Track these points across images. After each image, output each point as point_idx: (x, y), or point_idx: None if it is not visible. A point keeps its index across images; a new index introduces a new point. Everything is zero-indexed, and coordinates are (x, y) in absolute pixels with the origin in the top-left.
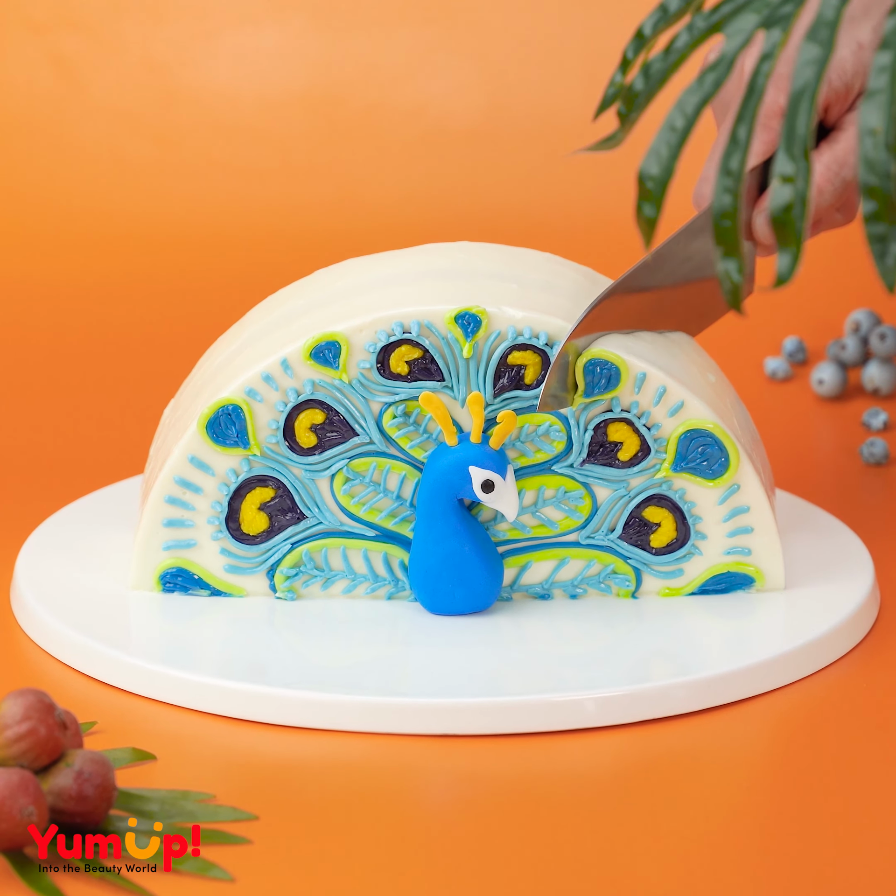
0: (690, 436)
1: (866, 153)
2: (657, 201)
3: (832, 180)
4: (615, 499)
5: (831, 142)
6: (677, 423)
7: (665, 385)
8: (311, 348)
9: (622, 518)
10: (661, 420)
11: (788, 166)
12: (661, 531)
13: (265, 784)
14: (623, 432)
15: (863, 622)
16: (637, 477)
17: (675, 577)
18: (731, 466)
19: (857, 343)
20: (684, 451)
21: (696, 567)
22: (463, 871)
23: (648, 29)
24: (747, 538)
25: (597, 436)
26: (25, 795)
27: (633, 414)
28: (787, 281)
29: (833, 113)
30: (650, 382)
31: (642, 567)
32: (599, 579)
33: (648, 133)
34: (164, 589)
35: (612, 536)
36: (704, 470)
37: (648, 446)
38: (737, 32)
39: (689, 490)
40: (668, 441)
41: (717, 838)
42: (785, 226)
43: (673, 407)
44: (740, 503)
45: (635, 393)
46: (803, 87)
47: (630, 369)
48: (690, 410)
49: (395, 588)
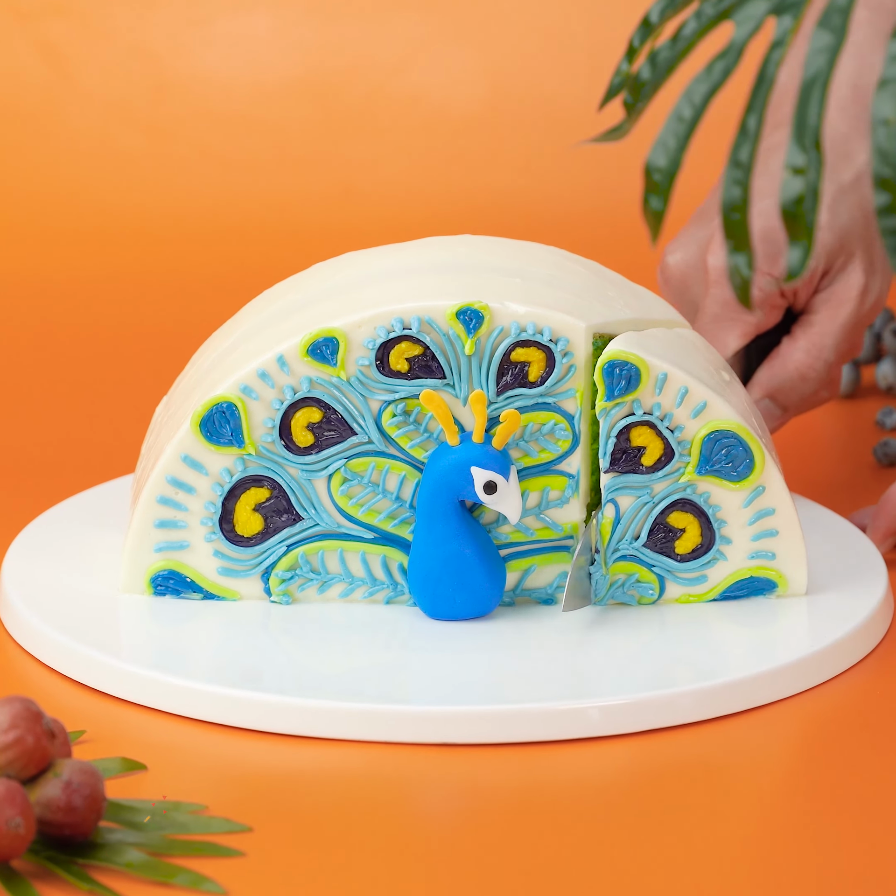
0: (714, 437)
1: (879, 144)
2: (664, 194)
3: (814, 366)
4: (639, 506)
5: (805, 326)
6: (700, 424)
7: (687, 385)
8: (309, 344)
9: (646, 525)
10: (683, 422)
11: (799, 157)
12: (685, 537)
13: (259, 794)
14: (646, 436)
15: (878, 627)
16: (661, 482)
17: (698, 583)
18: (756, 468)
19: (871, 340)
20: (708, 453)
21: (720, 573)
22: (463, 885)
23: (655, 16)
24: (772, 542)
25: (619, 442)
26: (12, 807)
27: (655, 416)
28: (798, 275)
29: (801, 297)
30: (671, 383)
31: (666, 574)
32: (624, 589)
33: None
34: (155, 592)
35: (636, 545)
36: (729, 472)
37: (672, 450)
38: (746, 19)
39: (713, 493)
40: (692, 443)
41: (728, 852)
42: (796, 219)
43: (696, 408)
44: (765, 505)
45: (657, 394)
46: (815, 75)
47: (651, 370)
48: (714, 411)
49: (393, 592)
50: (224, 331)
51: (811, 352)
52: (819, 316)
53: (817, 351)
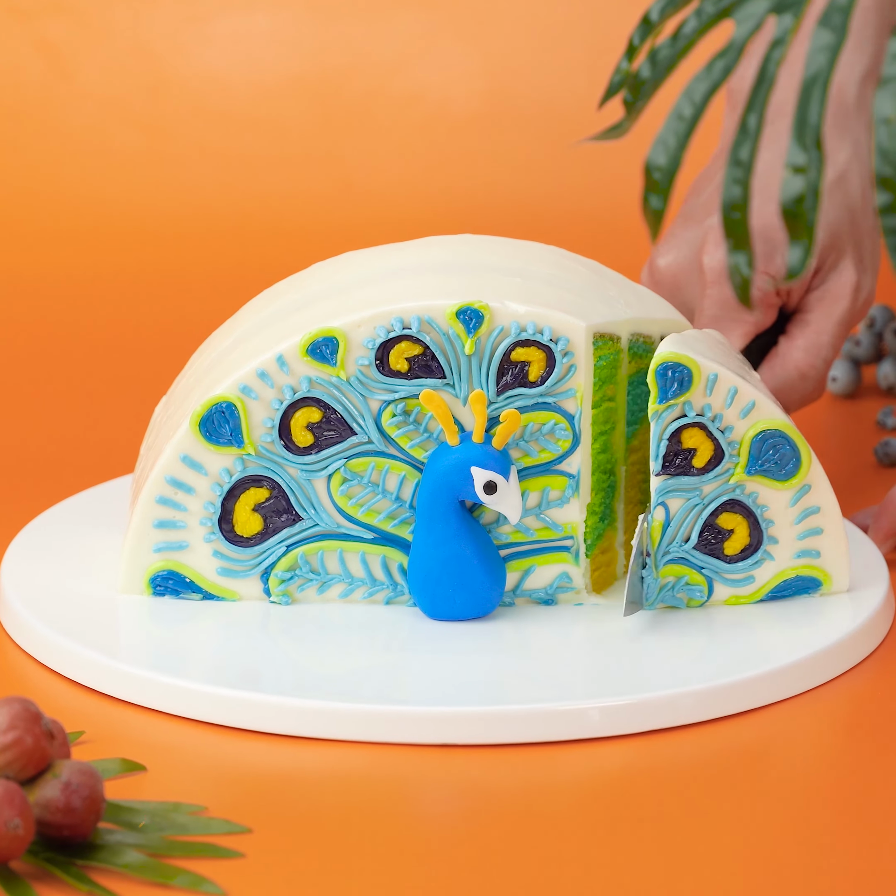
0: (763, 437)
1: (881, 143)
2: (664, 193)
3: (814, 364)
4: (689, 508)
5: (801, 325)
6: (749, 424)
7: (736, 386)
8: (308, 344)
9: (696, 527)
10: (733, 422)
11: (800, 156)
12: (734, 538)
13: (259, 795)
14: (697, 438)
15: (879, 628)
16: (710, 483)
17: (745, 584)
18: (803, 466)
19: (872, 339)
20: (757, 453)
21: (767, 573)
22: (463, 886)
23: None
24: (817, 540)
25: (671, 444)
26: (11, 808)
27: (706, 417)
28: (798, 274)
29: (794, 295)
30: (721, 384)
31: (714, 576)
32: (674, 592)
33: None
34: (154, 592)
35: (686, 547)
36: (777, 472)
37: (722, 451)
38: (747, 18)
39: (761, 493)
40: (741, 443)
41: (729, 853)
42: (796, 218)
43: (745, 408)
44: (811, 504)
45: (707, 395)
46: (815, 74)
47: (702, 371)
48: (762, 411)
49: (393, 592)
50: (223, 330)
51: (810, 350)
52: (815, 314)
53: (816, 349)
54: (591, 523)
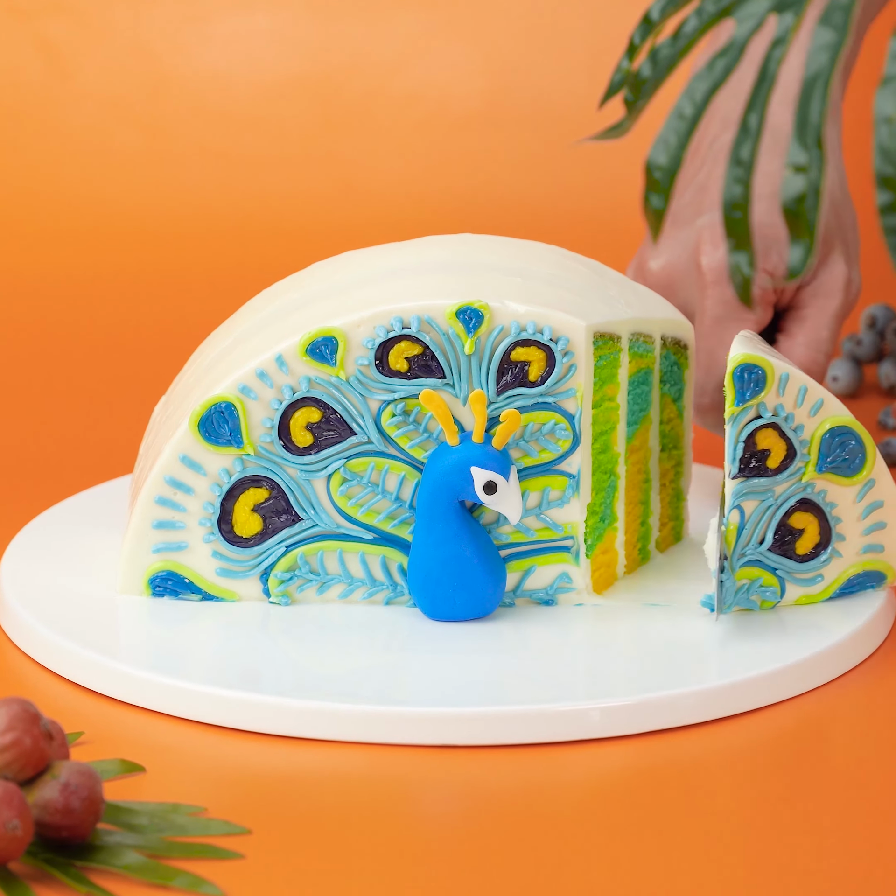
0: (832, 434)
1: (881, 142)
2: (665, 192)
3: (816, 359)
4: (763, 509)
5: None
6: (818, 421)
7: (806, 384)
8: (308, 344)
9: (770, 528)
10: (804, 420)
11: (801, 155)
12: (805, 537)
13: (258, 796)
14: (771, 438)
15: (880, 629)
16: (783, 483)
17: (814, 583)
18: (869, 461)
19: (873, 338)
20: (827, 450)
21: (835, 570)
22: (464, 888)
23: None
24: (881, 534)
25: (747, 447)
26: (10, 808)
27: (780, 417)
28: (799, 274)
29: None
30: (792, 383)
31: (786, 577)
32: (748, 594)
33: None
34: (153, 593)
35: (761, 549)
36: (845, 468)
37: (794, 450)
38: (747, 17)
39: (829, 491)
40: (811, 441)
41: (730, 854)
42: (797, 217)
43: (814, 405)
44: (876, 498)
45: (780, 395)
46: (816, 72)
47: (775, 371)
48: (830, 408)
49: (393, 593)
50: (222, 330)
51: (811, 346)
52: (810, 310)
53: (816, 344)
54: (592, 523)
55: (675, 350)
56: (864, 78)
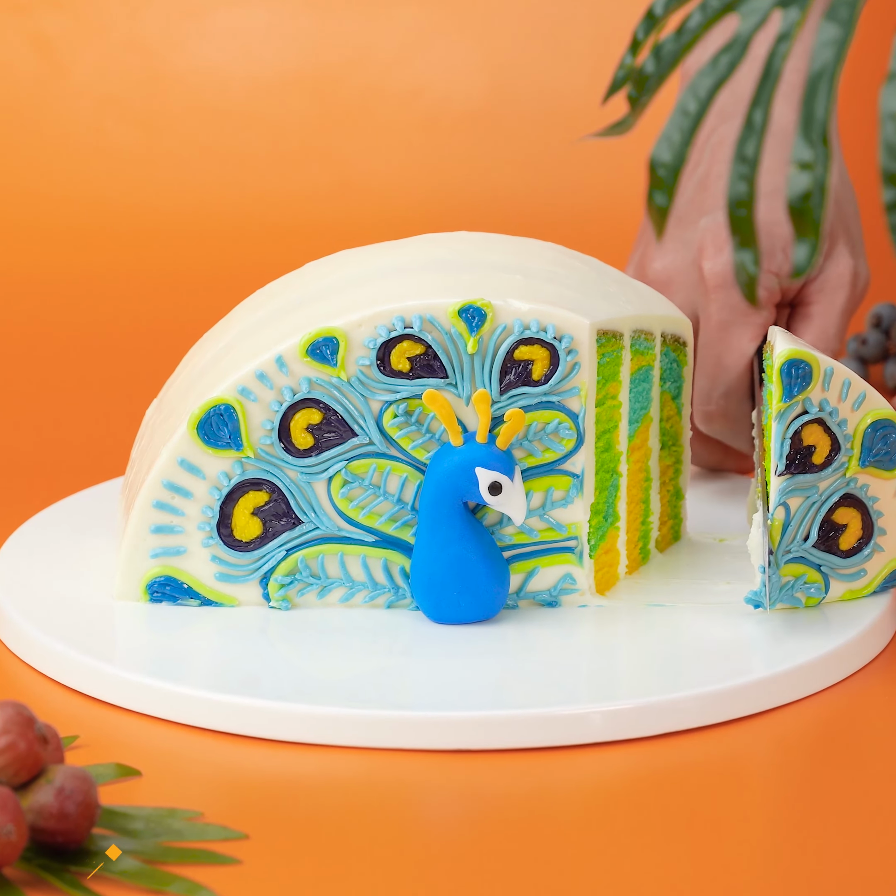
0: (875, 427)
1: (887, 139)
2: (669, 189)
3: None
4: (808, 506)
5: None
6: (861, 415)
7: (849, 378)
8: (308, 344)
9: (815, 524)
10: (847, 415)
11: (806, 152)
12: (848, 532)
13: (256, 802)
14: (816, 434)
15: (883, 632)
16: (827, 479)
17: (857, 578)
18: None
19: (878, 338)
20: (870, 444)
21: (877, 565)
22: (466, 892)
23: (659, 8)
24: None
25: (794, 443)
26: (4, 813)
27: (825, 412)
28: (804, 272)
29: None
30: (837, 377)
31: (830, 573)
32: (792, 591)
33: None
34: (151, 598)
35: (806, 545)
36: (887, 462)
37: (839, 445)
38: (752, 12)
39: (871, 485)
40: (854, 436)
41: (733, 858)
42: (803, 215)
43: (857, 399)
44: None
45: (825, 390)
46: (822, 68)
47: (821, 365)
48: (872, 401)
49: (395, 596)
50: (216, 331)
51: (819, 344)
52: (817, 306)
53: (824, 342)
54: (595, 523)
55: (674, 347)
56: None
